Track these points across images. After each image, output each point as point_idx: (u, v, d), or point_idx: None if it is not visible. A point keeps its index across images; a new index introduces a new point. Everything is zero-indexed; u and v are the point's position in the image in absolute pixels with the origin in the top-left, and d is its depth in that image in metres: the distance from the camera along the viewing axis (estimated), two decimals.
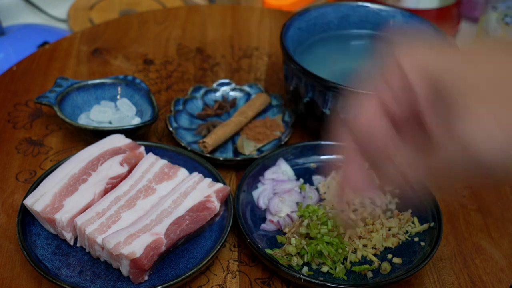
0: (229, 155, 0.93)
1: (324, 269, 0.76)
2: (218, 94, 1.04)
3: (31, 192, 0.78)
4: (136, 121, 0.96)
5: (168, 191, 0.80)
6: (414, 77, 0.46)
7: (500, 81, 0.43)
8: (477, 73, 0.44)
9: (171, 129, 0.93)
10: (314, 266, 0.76)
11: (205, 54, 1.17)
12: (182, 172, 0.82)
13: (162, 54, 1.16)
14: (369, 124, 0.49)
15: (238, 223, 0.78)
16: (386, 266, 0.76)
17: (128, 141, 0.86)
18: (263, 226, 0.81)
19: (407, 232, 0.82)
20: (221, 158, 0.89)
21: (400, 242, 0.81)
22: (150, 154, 0.84)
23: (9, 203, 0.84)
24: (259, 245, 0.76)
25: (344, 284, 0.72)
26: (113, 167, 0.81)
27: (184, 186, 0.79)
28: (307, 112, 0.93)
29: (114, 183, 0.80)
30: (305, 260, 0.76)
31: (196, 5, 1.35)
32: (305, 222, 0.79)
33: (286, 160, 0.90)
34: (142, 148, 0.85)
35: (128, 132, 0.89)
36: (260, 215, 0.83)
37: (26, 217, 0.77)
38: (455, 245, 0.84)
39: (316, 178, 0.89)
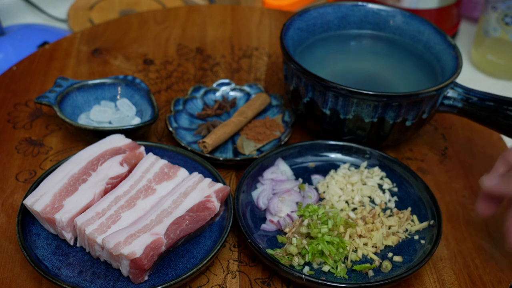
0: (229, 155, 0.93)
1: (325, 268, 0.76)
2: (218, 94, 1.04)
3: (31, 192, 0.78)
4: (136, 121, 0.96)
5: (168, 191, 0.80)
6: None
7: None
8: None
9: (171, 129, 0.93)
10: (315, 266, 0.76)
11: (205, 54, 1.17)
12: (182, 172, 0.82)
13: (162, 54, 1.16)
14: None
15: (238, 223, 0.78)
16: (387, 265, 0.77)
17: (128, 141, 0.86)
18: (263, 226, 0.81)
19: (407, 230, 0.82)
20: (221, 158, 0.89)
21: (400, 241, 0.81)
22: (150, 154, 0.84)
23: (9, 203, 0.84)
24: (260, 246, 0.76)
25: (345, 283, 0.72)
26: (113, 167, 0.81)
27: (184, 186, 0.79)
28: (307, 112, 0.93)
29: (114, 183, 0.80)
30: (306, 259, 0.76)
31: (196, 5, 1.35)
32: (306, 221, 0.79)
33: (285, 160, 0.90)
34: (142, 148, 0.85)
35: (128, 132, 0.89)
36: (260, 215, 0.83)
37: (26, 217, 0.77)
38: (455, 245, 0.84)
39: (315, 178, 0.89)
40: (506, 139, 1.09)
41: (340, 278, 0.75)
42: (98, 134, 0.89)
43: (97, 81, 0.98)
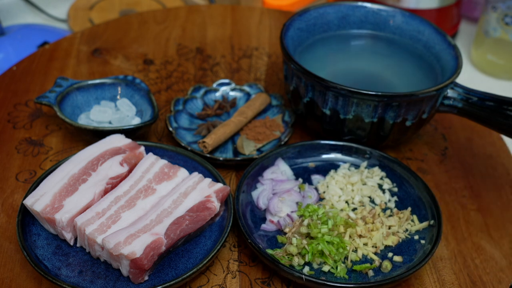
0: (229, 155, 0.93)
1: (325, 268, 0.76)
2: (218, 94, 1.04)
3: (31, 192, 0.78)
4: (136, 121, 0.96)
5: (168, 191, 0.80)
6: None
7: None
8: None
9: (171, 129, 0.93)
10: (315, 266, 0.76)
11: (205, 54, 1.17)
12: (182, 172, 0.82)
13: (162, 54, 1.16)
14: None
15: (238, 223, 0.78)
16: (387, 265, 0.77)
17: (128, 141, 0.86)
18: (263, 226, 0.81)
19: (407, 230, 0.82)
20: (221, 158, 0.89)
21: (400, 241, 0.81)
22: (150, 154, 0.84)
23: (9, 203, 0.84)
24: (260, 246, 0.76)
25: (345, 283, 0.72)
26: (113, 167, 0.81)
27: (184, 186, 0.79)
28: (307, 112, 0.93)
29: (114, 183, 0.80)
30: (306, 260, 0.76)
31: (196, 5, 1.35)
32: (306, 221, 0.79)
33: (285, 160, 0.90)
34: (142, 148, 0.85)
35: (128, 132, 0.89)
36: (260, 215, 0.83)
37: (26, 217, 0.77)
38: (455, 245, 0.84)
39: (315, 178, 0.89)
40: (506, 139, 1.09)
41: (340, 278, 0.75)
42: (98, 134, 0.89)
43: (97, 81, 0.98)
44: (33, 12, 1.51)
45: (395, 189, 0.88)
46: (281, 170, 0.88)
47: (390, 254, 0.79)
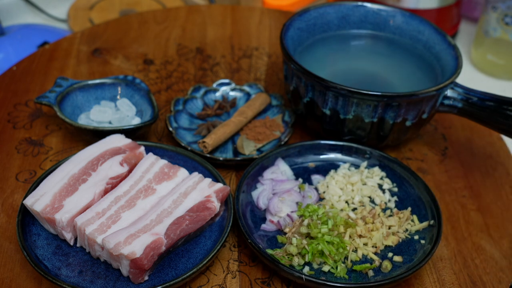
0: (229, 155, 0.93)
1: (325, 268, 0.76)
2: (218, 94, 1.04)
3: (31, 192, 0.78)
4: (136, 121, 0.96)
5: (168, 191, 0.80)
6: None
7: None
8: None
9: (171, 129, 0.93)
10: (315, 266, 0.76)
11: (205, 54, 1.17)
12: (182, 172, 0.82)
13: (162, 54, 1.16)
14: None
15: (238, 223, 0.78)
16: (387, 265, 0.77)
17: (128, 141, 0.86)
18: (263, 226, 0.81)
19: (407, 230, 0.82)
20: (221, 158, 0.89)
21: (400, 241, 0.81)
22: (150, 154, 0.84)
23: (9, 203, 0.84)
24: (260, 246, 0.76)
25: (345, 283, 0.72)
26: (113, 167, 0.81)
27: (184, 186, 0.79)
28: (307, 112, 0.93)
29: (114, 183, 0.80)
30: (306, 260, 0.76)
31: (196, 5, 1.35)
32: (306, 221, 0.79)
33: (285, 160, 0.90)
34: (142, 148, 0.85)
35: (128, 132, 0.89)
36: (260, 215, 0.83)
37: (26, 217, 0.77)
38: (455, 245, 0.84)
39: (315, 178, 0.89)
40: (506, 139, 1.09)
41: (340, 278, 0.75)
42: (98, 134, 0.89)
43: (97, 81, 0.98)
44: (33, 12, 1.52)
45: (395, 189, 0.88)
46: (281, 170, 0.88)
47: (390, 254, 0.79)
